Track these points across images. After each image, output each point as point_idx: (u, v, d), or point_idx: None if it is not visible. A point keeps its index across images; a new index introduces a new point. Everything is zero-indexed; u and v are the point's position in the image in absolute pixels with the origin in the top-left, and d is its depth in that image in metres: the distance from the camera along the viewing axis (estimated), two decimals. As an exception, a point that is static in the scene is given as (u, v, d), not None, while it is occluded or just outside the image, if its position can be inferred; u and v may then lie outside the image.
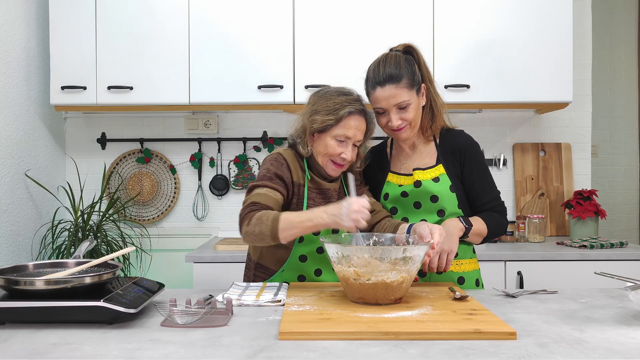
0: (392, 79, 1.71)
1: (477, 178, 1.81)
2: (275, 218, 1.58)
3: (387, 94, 1.71)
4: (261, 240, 1.60)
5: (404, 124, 1.75)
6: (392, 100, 1.72)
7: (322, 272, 1.80)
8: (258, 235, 1.60)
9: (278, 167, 1.75)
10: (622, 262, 2.63)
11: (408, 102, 1.72)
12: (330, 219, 1.54)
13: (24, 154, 2.82)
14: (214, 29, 2.87)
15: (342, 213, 1.51)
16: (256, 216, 1.61)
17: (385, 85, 1.71)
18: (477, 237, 1.78)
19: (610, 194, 3.99)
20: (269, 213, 1.61)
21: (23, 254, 2.79)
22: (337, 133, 1.73)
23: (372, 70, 1.76)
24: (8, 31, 2.69)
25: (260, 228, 1.59)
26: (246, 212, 1.64)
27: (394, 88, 1.70)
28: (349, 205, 1.50)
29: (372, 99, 1.76)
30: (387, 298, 1.44)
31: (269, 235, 1.58)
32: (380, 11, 2.86)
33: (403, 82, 1.71)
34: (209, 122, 3.24)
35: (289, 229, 1.58)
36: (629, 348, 1.15)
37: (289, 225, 1.58)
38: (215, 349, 1.15)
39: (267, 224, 1.58)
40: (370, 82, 1.76)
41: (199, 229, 3.26)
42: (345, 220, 1.51)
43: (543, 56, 2.84)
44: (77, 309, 1.30)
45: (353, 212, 1.49)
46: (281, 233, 1.58)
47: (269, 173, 1.73)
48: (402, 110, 1.73)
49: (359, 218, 1.50)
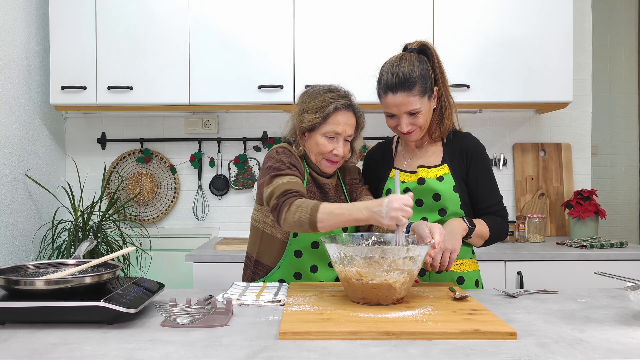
0: (405, 86, 1.68)
1: (482, 181, 1.81)
2: (315, 207, 1.56)
3: (399, 101, 1.69)
4: (299, 227, 1.59)
5: (413, 129, 1.74)
6: (402, 108, 1.71)
7: (318, 269, 1.80)
8: (297, 222, 1.58)
9: (290, 157, 1.75)
10: (622, 262, 2.63)
11: (419, 109, 1.71)
12: (370, 215, 1.51)
13: (24, 154, 2.82)
14: (214, 29, 2.87)
15: (382, 210, 1.48)
16: (296, 203, 1.59)
17: (397, 92, 1.69)
18: (479, 239, 1.78)
19: (610, 194, 3.99)
20: (308, 201, 1.59)
21: (23, 254, 2.79)
22: (326, 130, 1.73)
23: (385, 72, 1.73)
24: (8, 31, 2.69)
25: (299, 215, 1.57)
26: (284, 199, 1.62)
27: (405, 96, 1.68)
28: (390, 202, 1.47)
29: (383, 103, 1.75)
30: (389, 298, 1.44)
31: (307, 223, 1.56)
32: (381, 11, 2.86)
33: (415, 90, 1.68)
34: (209, 122, 3.24)
35: (327, 219, 1.55)
36: (629, 348, 1.15)
37: (328, 215, 1.55)
38: (215, 349, 1.15)
39: (306, 212, 1.56)
40: (382, 85, 1.73)
41: (199, 229, 3.26)
42: (384, 217, 1.47)
43: (543, 56, 2.84)
44: (77, 309, 1.30)
45: (393, 209, 1.46)
46: (320, 222, 1.55)
47: (284, 163, 1.72)
48: (413, 116, 1.72)
49: (399, 216, 1.46)
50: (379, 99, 1.77)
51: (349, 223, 1.57)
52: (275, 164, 1.72)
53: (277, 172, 1.69)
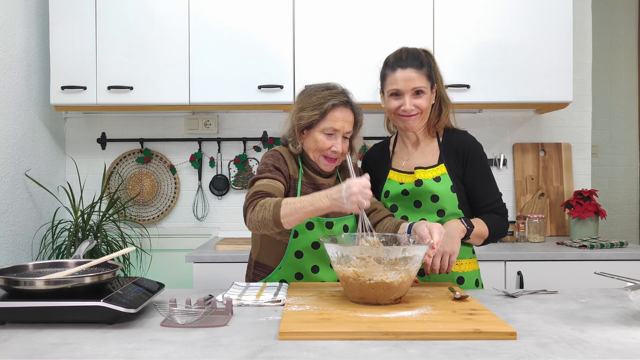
0: (415, 64, 1.76)
1: (479, 179, 1.81)
2: (277, 204, 1.57)
3: (408, 75, 1.74)
4: (264, 226, 1.59)
5: (416, 111, 1.76)
6: (410, 83, 1.74)
7: (319, 269, 1.80)
8: (261, 222, 1.59)
9: (275, 161, 1.77)
10: (622, 262, 2.63)
11: (425, 89, 1.76)
12: (331, 203, 1.51)
13: (24, 154, 2.82)
14: (214, 29, 2.87)
15: (342, 196, 1.48)
16: (259, 203, 1.61)
17: (407, 68, 1.75)
18: (478, 238, 1.78)
19: (610, 194, 3.99)
20: (271, 199, 1.60)
21: (23, 254, 2.79)
22: (325, 127, 1.74)
23: (394, 55, 1.81)
24: (8, 31, 2.69)
25: (263, 214, 1.58)
26: (250, 200, 1.64)
27: (415, 72, 1.75)
28: (349, 187, 1.47)
29: (390, 80, 1.78)
30: (387, 298, 1.44)
31: (272, 221, 1.57)
32: (381, 11, 2.86)
33: (424, 70, 1.76)
34: (209, 122, 3.24)
35: (290, 214, 1.55)
36: (629, 348, 1.15)
37: (291, 210, 1.55)
38: (215, 349, 1.15)
39: (269, 210, 1.57)
40: (390, 64, 1.79)
41: (199, 229, 3.26)
42: (346, 203, 1.48)
43: (543, 56, 2.84)
44: (77, 309, 1.30)
45: (353, 194, 1.46)
46: (283, 218, 1.56)
47: (267, 167, 1.76)
48: (417, 96, 1.76)
49: (360, 199, 1.47)
50: (383, 81, 1.82)
51: (313, 214, 1.56)
52: (260, 167, 1.78)
53: (258, 176, 1.74)
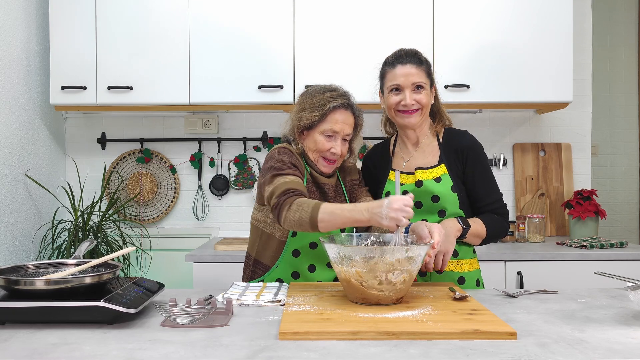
0: (414, 60, 1.78)
1: (479, 179, 1.81)
2: (316, 206, 1.57)
3: (408, 71, 1.76)
4: (300, 226, 1.59)
5: (416, 106, 1.77)
6: (410, 78, 1.76)
7: (315, 269, 1.80)
8: (297, 221, 1.58)
9: (291, 157, 1.76)
10: (622, 262, 2.63)
11: (424, 84, 1.77)
12: (370, 216, 1.50)
13: (24, 154, 2.81)
14: (214, 29, 2.87)
15: (382, 212, 1.48)
16: (297, 202, 1.60)
17: (407, 63, 1.77)
18: (476, 238, 1.78)
19: (610, 194, 3.99)
20: (309, 201, 1.59)
21: (23, 254, 2.79)
22: (324, 128, 1.74)
23: (393, 54, 1.83)
24: (8, 31, 2.69)
25: (300, 214, 1.57)
26: (284, 198, 1.63)
27: (415, 67, 1.77)
28: (390, 203, 1.47)
29: (390, 77, 1.79)
30: (389, 298, 1.44)
31: (308, 222, 1.56)
32: (381, 11, 2.86)
33: (423, 67, 1.78)
34: (209, 122, 3.24)
35: (328, 219, 1.55)
36: (629, 348, 1.15)
37: (329, 215, 1.55)
38: (215, 349, 1.15)
39: (307, 211, 1.56)
40: (390, 62, 1.81)
41: (199, 229, 3.26)
42: (384, 218, 1.47)
43: (543, 56, 2.84)
44: (77, 309, 1.30)
45: (393, 210, 1.46)
46: (320, 222, 1.55)
47: (285, 163, 1.73)
48: (417, 92, 1.77)
49: (400, 217, 1.46)
50: (382, 79, 1.83)
51: (350, 224, 1.57)
52: (276, 163, 1.73)
53: (278, 172, 1.70)
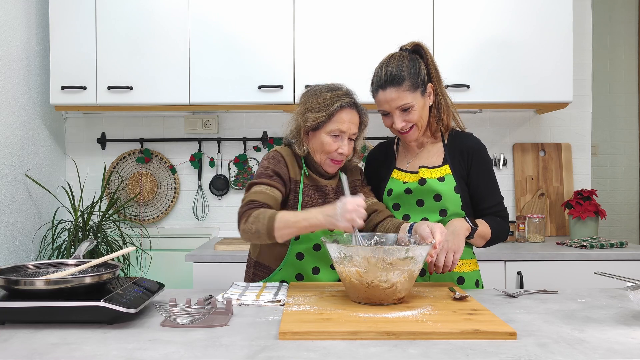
0: (393, 82, 1.71)
1: (483, 182, 1.81)
2: (271, 217, 1.60)
3: (389, 96, 1.72)
4: (257, 238, 1.62)
5: (408, 126, 1.76)
6: (393, 103, 1.73)
7: (319, 271, 1.80)
8: (255, 234, 1.62)
9: (275, 164, 1.76)
10: (622, 262, 2.63)
11: (410, 104, 1.72)
12: (325, 220, 1.55)
13: (24, 154, 2.81)
14: (214, 29, 2.87)
15: (336, 213, 1.52)
16: (253, 214, 1.63)
17: (387, 88, 1.72)
18: (481, 239, 1.78)
19: (610, 194, 3.99)
20: (266, 211, 1.62)
21: (23, 254, 2.79)
22: (331, 128, 1.74)
23: (376, 72, 1.77)
24: (8, 31, 2.69)
25: (256, 226, 1.60)
26: (244, 209, 1.66)
27: (394, 91, 1.71)
28: (343, 205, 1.51)
29: (376, 101, 1.78)
30: (390, 298, 1.44)
31: (265, 234, 1.60)
32: (381, 11, 2.86)
33: (405, 85, 1.71)
34: (209, 122, 3.24)
35: (284, 228, 1.59)
36: (629, 348, 1.15)
37: (285, 224, 1.59)
38: (215, 349, 1.15)
39: (263, 222, 1.60)
40: (373, 84, 1.78)
41: (199, 229, 3.26)
42: (340, 220, 1.51)
43: (543, 56, 2.84)
44: (77, 309, 1.30)
45: (347, 212, 1.50)
46: (277, 232, 1.59)
47: (267, 170, 1.75)
48: (405, 113, 1.74)
49: (354, 217, 1.50)
50: (374, 99, 1.80)
51: (306, 230, 1.61)
52: (259, 170, 1.78)
53: (255, 181, 1.74)
